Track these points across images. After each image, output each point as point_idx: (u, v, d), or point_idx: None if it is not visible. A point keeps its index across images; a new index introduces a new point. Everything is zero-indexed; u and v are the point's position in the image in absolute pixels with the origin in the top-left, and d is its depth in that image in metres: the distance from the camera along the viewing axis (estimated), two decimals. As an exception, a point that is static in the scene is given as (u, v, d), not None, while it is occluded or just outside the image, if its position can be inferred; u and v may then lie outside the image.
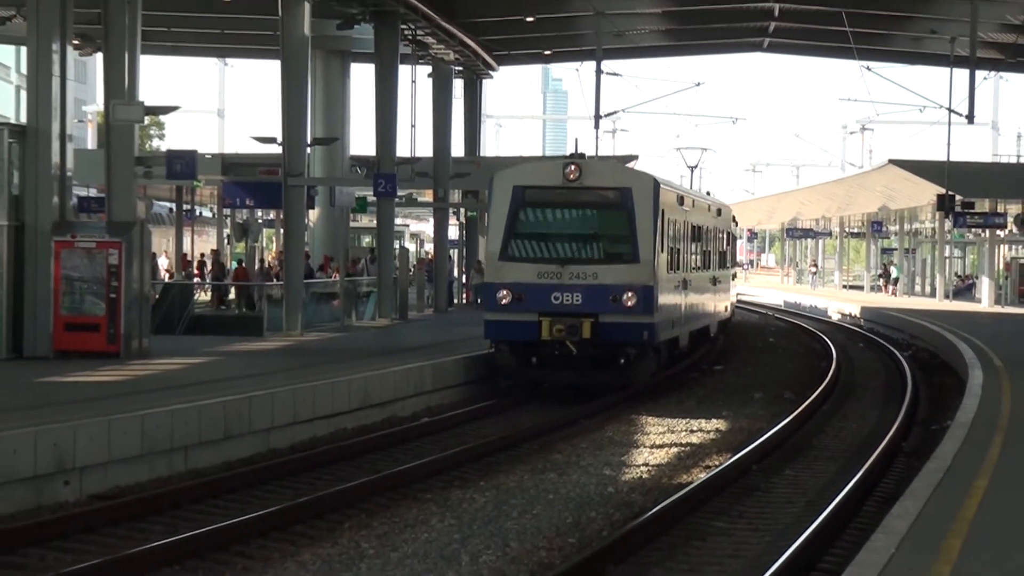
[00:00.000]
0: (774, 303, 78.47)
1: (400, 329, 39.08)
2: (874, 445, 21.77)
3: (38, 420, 17.30)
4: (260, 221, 62.26)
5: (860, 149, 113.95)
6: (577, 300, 27.43)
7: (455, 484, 18.66)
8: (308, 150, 38.04)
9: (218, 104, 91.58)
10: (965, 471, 15.50)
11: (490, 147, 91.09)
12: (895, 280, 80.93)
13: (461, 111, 55.96)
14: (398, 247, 48.07)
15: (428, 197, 52.38)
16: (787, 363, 38.67)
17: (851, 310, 63.33)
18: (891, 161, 61.26)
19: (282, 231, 40.97)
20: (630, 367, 28.11)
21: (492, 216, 28.58)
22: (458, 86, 55.03)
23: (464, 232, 59.08)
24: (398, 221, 61.47)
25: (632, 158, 59.46)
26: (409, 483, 18.44)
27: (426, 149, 50.65)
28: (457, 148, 52.49)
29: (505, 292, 27.75)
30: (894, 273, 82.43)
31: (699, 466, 20.40)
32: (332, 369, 25.44)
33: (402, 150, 44.93)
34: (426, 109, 51.35)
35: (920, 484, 14.62)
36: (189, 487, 17.51)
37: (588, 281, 27.52)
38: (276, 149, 37.79)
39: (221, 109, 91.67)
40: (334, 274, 45.15)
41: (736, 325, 49.18)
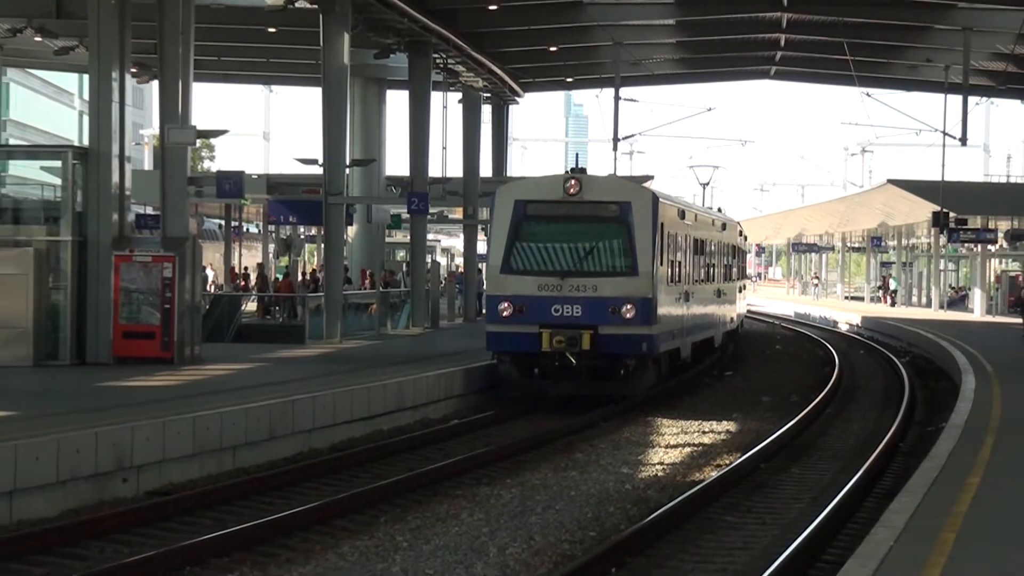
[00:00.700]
0: (780, 313, 78.21)
1: (432, 337, 39.08)
2: (874, 445, 21.71)
3: (99, 422, 17.38)
4: (302, 237, 62.55)
5: (861, 170, 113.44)
6: (577, 312, 26.24)
7: (483, 481, 18.65)
8: (347, 171, 38.22)
9: (264, 128, 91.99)
10: (959, 469, 15.46)
11: (516, 168, 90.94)
12: (893, 291, 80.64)
13: (489, 134, 55.98)
14: (430, 261, 48.09)
15: (458, 214, 52.31)
16: (793, 368, 38.56)
17: (852, 319, 63.15)
18: (889, 181, 61.16)
19: (323, 246, 41.02)
20: (630, 378, 27.01)
21: (494, 230, 27.45)
22: (486, 111, 55.05)
23: (491, 247, 58.89)
24: (430, 236, 61.44)
25: (648, 178, 59.42)
26: (441, 480, 18.45)
27: (456, 170, 50.75)
28: (485, 168, 52.49)
29: (506, 304, 26.64)
30: (892, 285, 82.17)
31: (711, 464, 20.36)
32: (369, 374, 25.44)
33: (434, 170, 45.05)
34: (456, 132, 51.53)
35: (917, 481, 14.61)
36: (237, 484, 17.56)
37: (588, 293, 26.30)
38: (317, 170, 37.98)
39: (267, 132, 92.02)
40: (365, 283, 45.14)
41: (744, 333, 48.98)
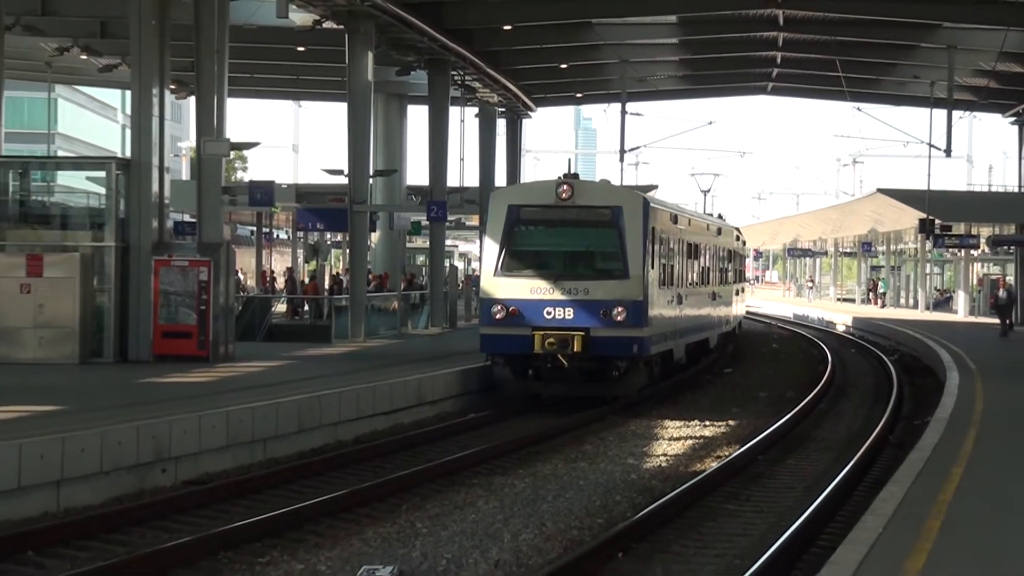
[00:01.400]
0: (777, 313, 78.07)
1: (450, 336, 39.07)
2: (864, 438, 21.65)
3: (140, 416, 17.42)
4: (329, 242, 62.61)
5: (852, 179, 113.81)
6: (569, 315, 25.21)
7: (498, 472, 18.64)
8: (371, 181, 38.23)
9: (293, 140, 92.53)
10: (944, 460, 15.44)
11: (529, 177, 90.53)
12: (882, 293, 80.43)
13: (504, 146, 56.00)
14: (448, 265, 48.09)
15: (475, 221, 52.42)
16: (789, 366, 38.48)
17: (844, 320, 63.03)
18: (879, 190, 61.00)
19: (348, 251, 41.04)
20: (622, 379, 26.07)
21: (488, 234, 26.46)
22: (501, 124, 55.07)
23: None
24: (448, 242, 61.56)
25: (652, 187, 59.20)
26: (458, 471, 18.44)
27: (473, 179, 50.83)
28: (500, 179, 52.50)
29: (500, 307, 25.43)
30: (881, 287, 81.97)
31: (711, 456, 20.34)
32: (391, 371, 25.45)
33: (452, 180, 45.16)
34: (473, 144, 51.67)
35: (904, 472, 14.59)
36: (268, 474, 17.58)
37: (579, 296, 25.28)
38: (343, 180, 38.04)
39: (295, 145, 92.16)
40: (381, 282, 45.09)
41: (742, 333, 48.85)
